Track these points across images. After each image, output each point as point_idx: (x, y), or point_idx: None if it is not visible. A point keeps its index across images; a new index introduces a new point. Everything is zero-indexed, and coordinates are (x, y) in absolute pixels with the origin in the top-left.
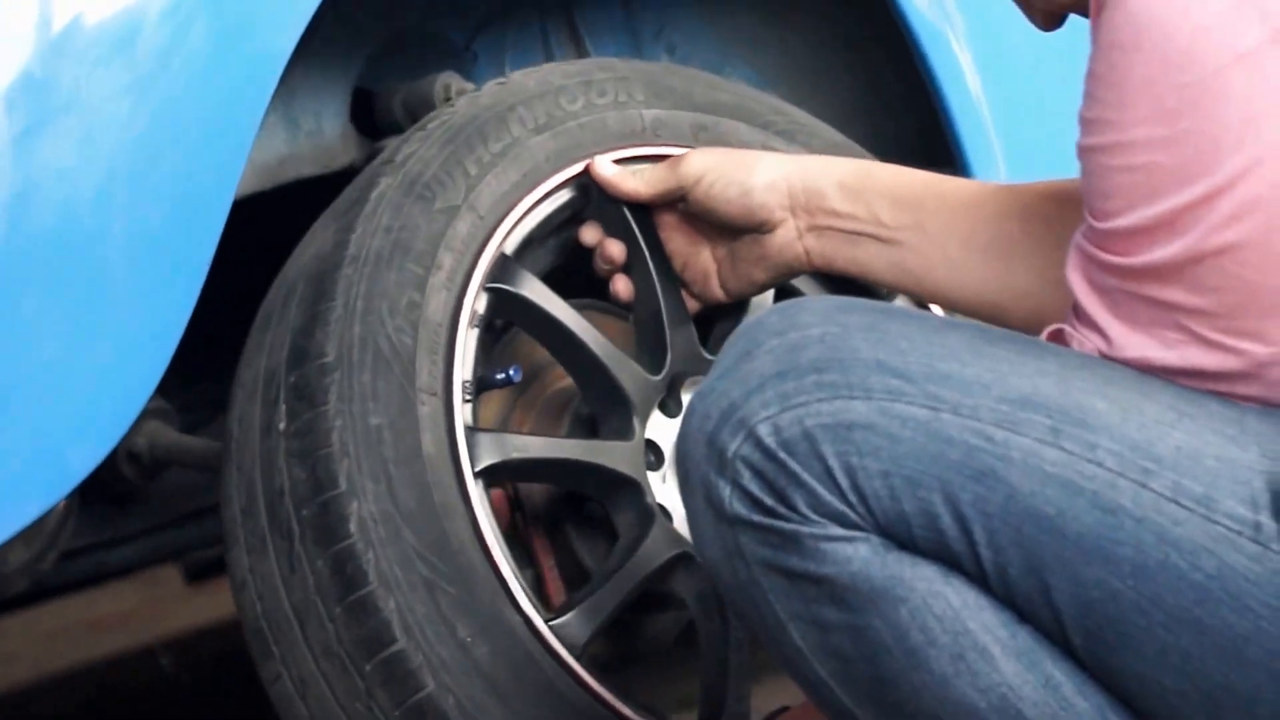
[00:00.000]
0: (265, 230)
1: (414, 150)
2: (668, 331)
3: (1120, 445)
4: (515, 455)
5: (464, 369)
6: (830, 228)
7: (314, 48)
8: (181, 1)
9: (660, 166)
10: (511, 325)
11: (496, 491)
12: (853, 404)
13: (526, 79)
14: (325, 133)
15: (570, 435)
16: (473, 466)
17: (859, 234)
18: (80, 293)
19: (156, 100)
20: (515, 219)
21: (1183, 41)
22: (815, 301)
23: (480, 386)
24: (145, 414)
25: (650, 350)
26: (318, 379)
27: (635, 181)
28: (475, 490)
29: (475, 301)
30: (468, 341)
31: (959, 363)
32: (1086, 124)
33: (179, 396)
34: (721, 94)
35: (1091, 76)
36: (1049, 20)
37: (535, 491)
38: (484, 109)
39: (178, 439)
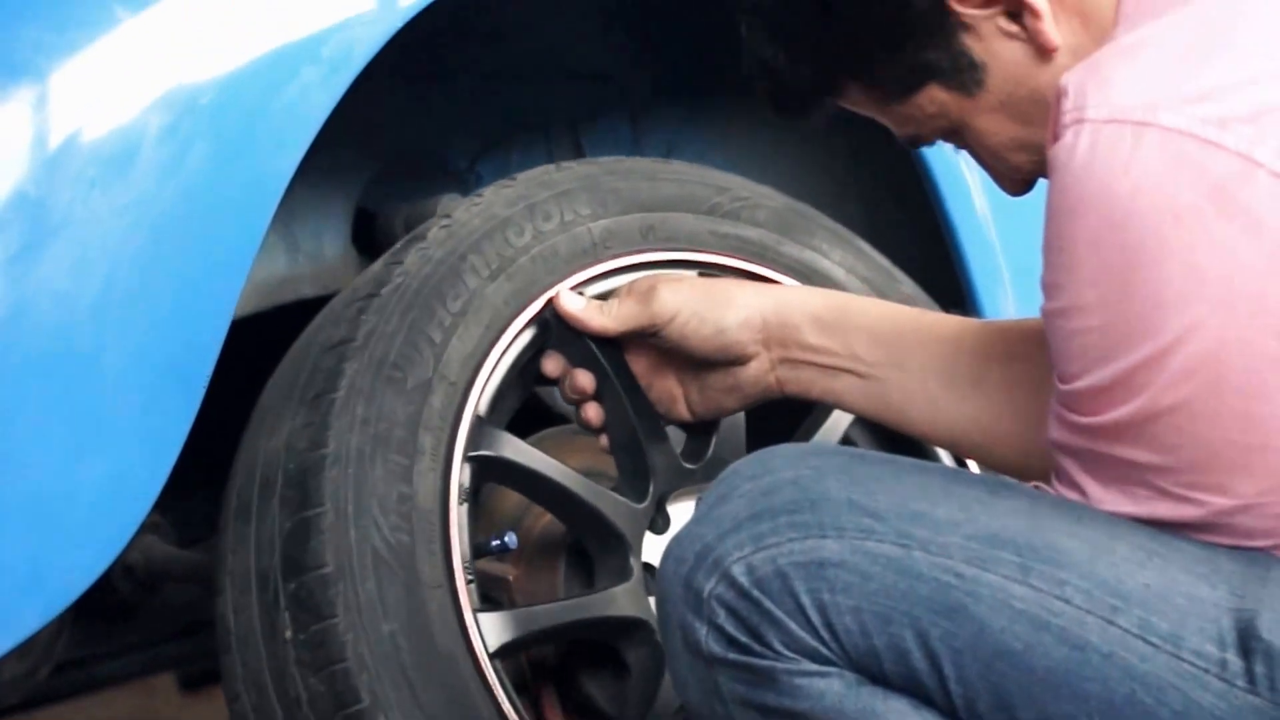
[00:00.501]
0: (262, 347)
1: (375, 326)
2: (647, 453)
3: (1088, 583)
4: (526, 630)
5: (461, 548)
6: (805, 361)
7: (315, 168)
8: (181, 122)
9: (629, 301)
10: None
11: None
12: (825, 542)
13: (470, 217)
14: (326, 253)
15: (568, 573)
16: (487, 651)
17: (835, 368)
18: (77, 412)
19: (154, 221)
20: (485, 377)
21: (1123, 202)
22: (789, 447)
23: (476, 554)
24: (140, 528)
25: (631, 475)
26: (321, 590)
27: (604, 318)
28: (493, 673)
29: (461, 475)
30: (461, 520)
31: (930, 502)
32: (1044, 289)
33: (174, 511)
34: (665, 185)
35: (1045, 242)
36: (1017, 185)
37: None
38: (437, 264)
39: (173, 553)
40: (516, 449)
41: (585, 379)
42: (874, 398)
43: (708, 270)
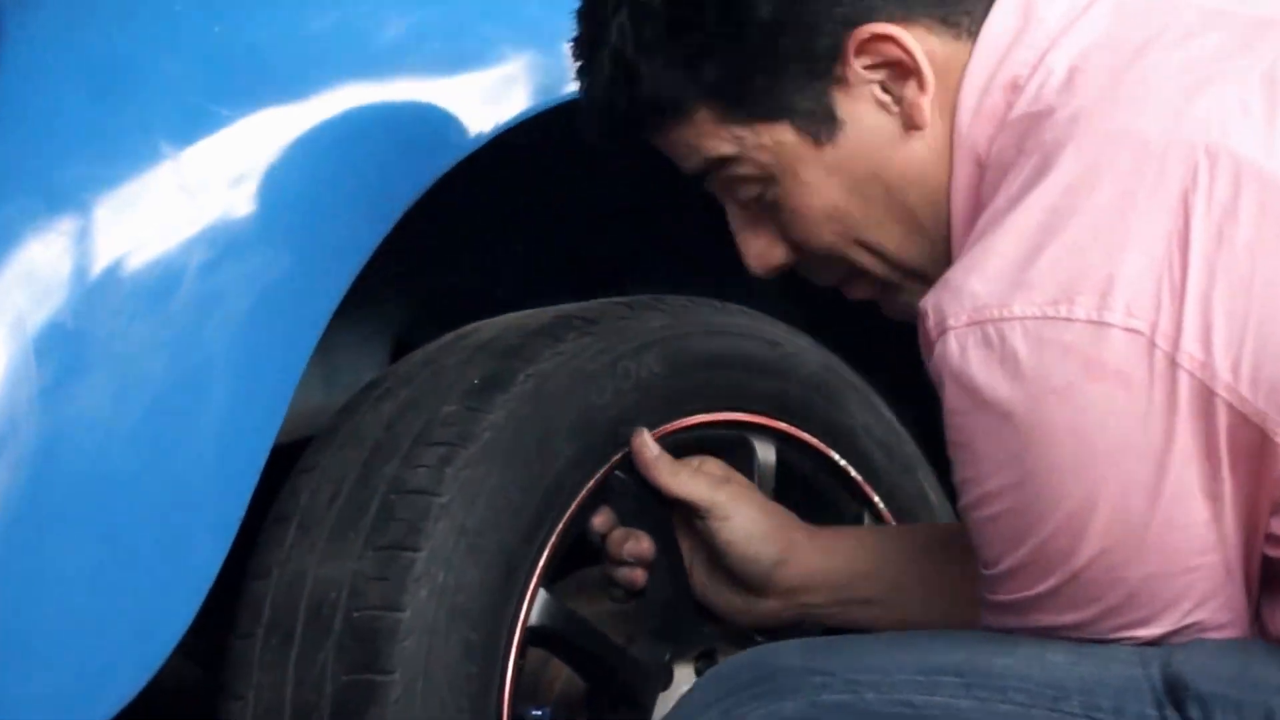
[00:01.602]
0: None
1: (463, 485)
2: (673, 618)
3: (1028, 684)
4: None
5: None
6: (814, 614)
7: (354, 301)
8: (223, 258)
9: (700, 478)
10: None
11: None
12: (783, 704)
13: (555, 368)
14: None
15: None
16: None
17: (838, 614)
18: (111, 541)
19: (193, 355)
20: (551, 544)
21: (1004, 392)
22: (756, 649)
23: None
24: None
25: (653, 635)
26: None
27: (669, 477)
28: None
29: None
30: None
31: (874, 654)
32: (958, 486)
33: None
34: (726, 340)
35: (949, 443)
36: (766, 265)
37: None
38: (523, 422)
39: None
40: (558, 614)
41: (648, 545)
42: (875, 619)
43: (748, 431)
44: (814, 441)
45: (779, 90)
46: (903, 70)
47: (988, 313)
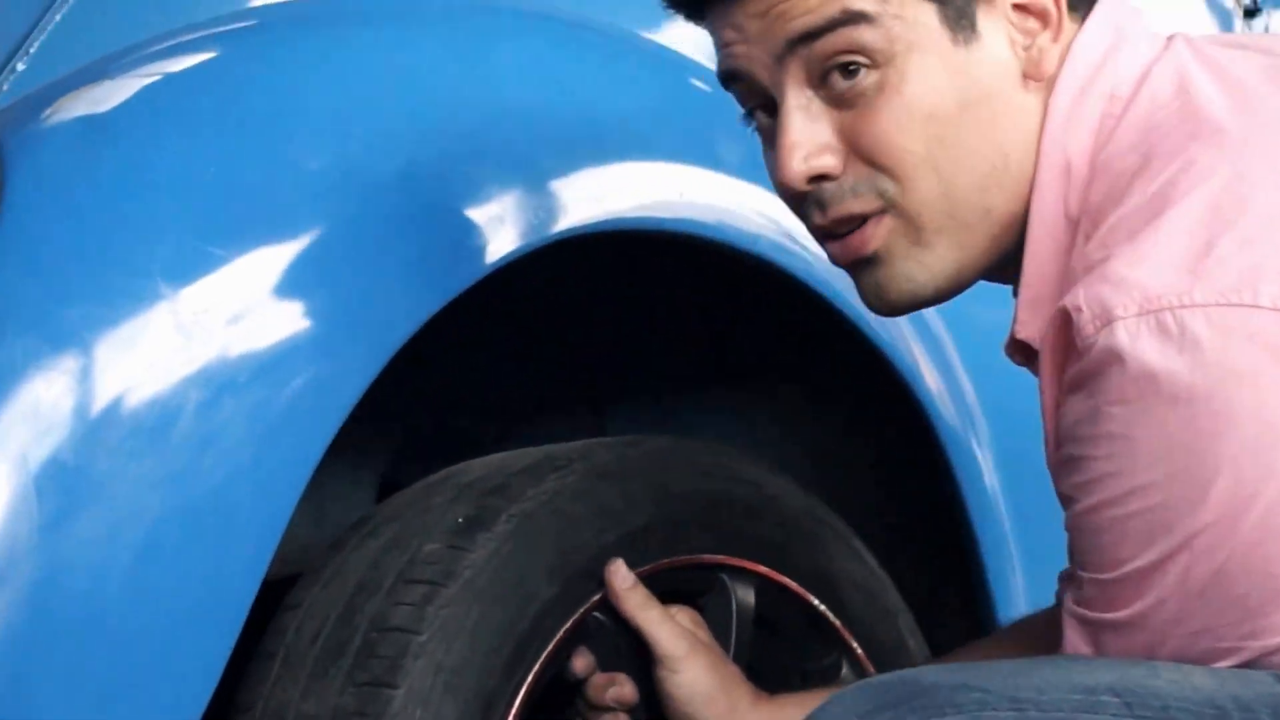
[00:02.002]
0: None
1: (444, 624)
2: None
3: (1187, 703)
4: None
5: None
6: None
7: (343, 440)
8: (218, 397)
9: (668, 622)
10: None
11: None
12: (945, 719)
13: (537, 509)
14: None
15: None
16: None
17: None
18: (99, 680)
19: (188, 494)
20: (526, 687)
21: (1183, 378)
22: (895, 672)
23: None
24: None
25: None
26: None
27: (640, 610)
28: None
29: None
30: None
31: (1025, 675)
32: (1086, 486)
33: None
34: (704, 479)
35: (1089, 439)
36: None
37: None
38: (505, 561)
39: None
40: None
41: (630, 690)
42: None
43: (727, 573)
44: (793, 586)
45: None
46: (1041, 19)
47: (1163, 302)
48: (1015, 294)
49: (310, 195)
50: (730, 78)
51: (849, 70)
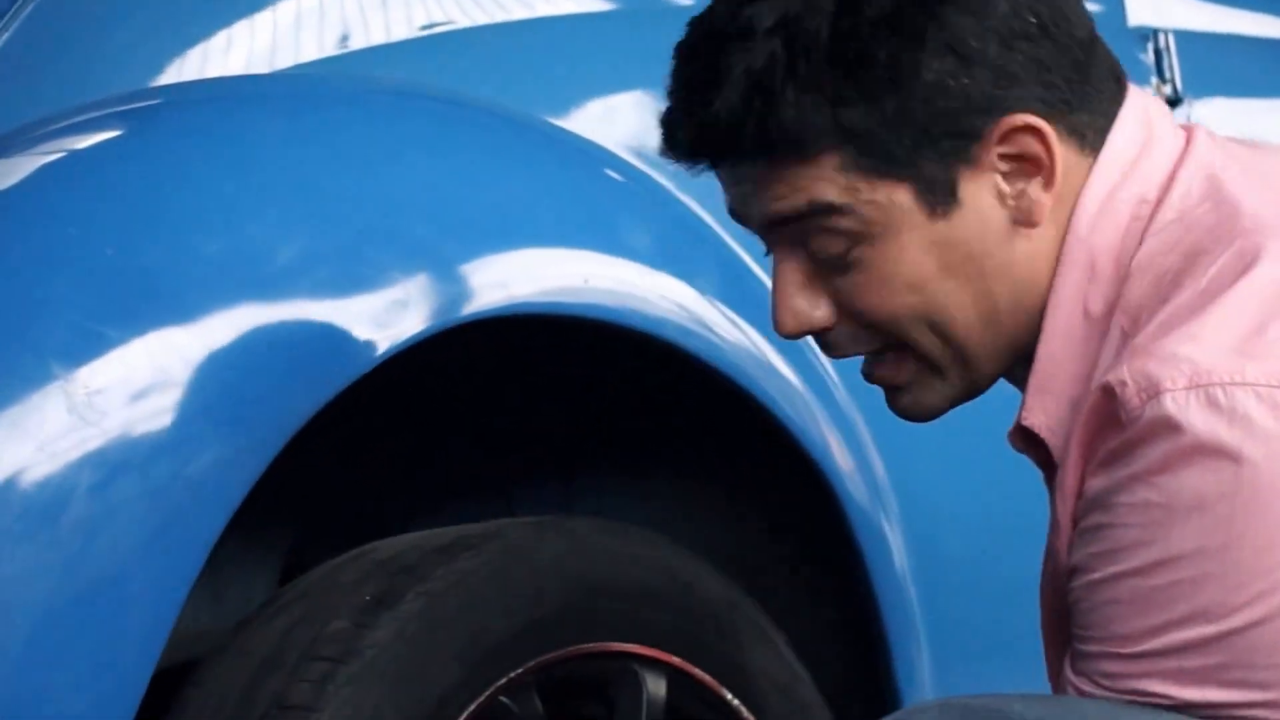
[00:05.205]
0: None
1: (344, 702)
2: None
3: None
4: None
5: None
6: None
7: (243, 524)
8: (111, 480)
9: None
10: None
11: None
12: None
13: (446, 588)
14: (253, 606)
15: None
16: None
17: None
18: None
19: (78, 578)
20: None
21: (1230, 451)
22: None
23: None
24: None
25: None
26: None
27: None
28: None
29: None
30: None
31: (1113, 716)
32: (1113, 554)
33: None
34: (623, 566)
35: (1127, 506)
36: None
37: None
38: (411, 641)
39: None
40: None
41: None
42: None
43: (638, 663)
44: (706, 679)
45: (914, 153)
46: (1034, 167)
47: (1214, 377)
48: (1017, 383)
49: (207, 278)
50: (733, 216)
51: (837, 244)
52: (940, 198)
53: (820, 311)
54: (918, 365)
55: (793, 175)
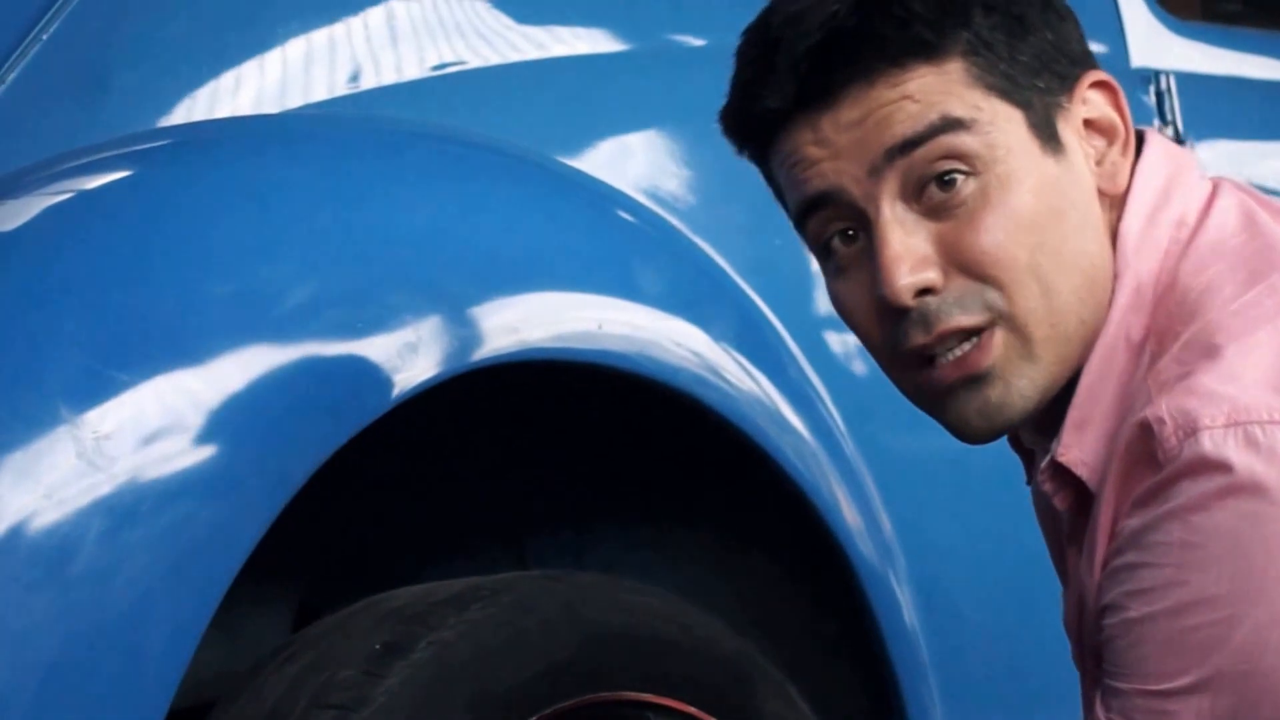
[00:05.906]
0: None
1: None
2: None
3: None
4: None
5: None
6: None
7: (256, 565)
8: (121, 526)
9: None
10: None
11: None
12: None
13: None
14: (267, 649)
15: None
16: None
17: None
18: None
19: (89, 625)
20: None
21: (1271, 493)
22: None
23: None
24: None
25: None
26: None
27: None
28: None
29: None
30: None
31: None
32: (1145, 593)
33: None
34: (632, 618)
35: (1156, 546)
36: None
37: None
38: (421, 689)
39: None
40: None
41: None
42: None
43: (654, 713)
44: None
45: (1032, 75)
46: (1109, 130)
47: (1252, 415)
48: (1036, 427)
49: (218, 321)
50: (816, 203)
51: (945, 181)
52: (1049, 134)
53: (933, 267)
54: (1014, 339)
55: (920, 88)
